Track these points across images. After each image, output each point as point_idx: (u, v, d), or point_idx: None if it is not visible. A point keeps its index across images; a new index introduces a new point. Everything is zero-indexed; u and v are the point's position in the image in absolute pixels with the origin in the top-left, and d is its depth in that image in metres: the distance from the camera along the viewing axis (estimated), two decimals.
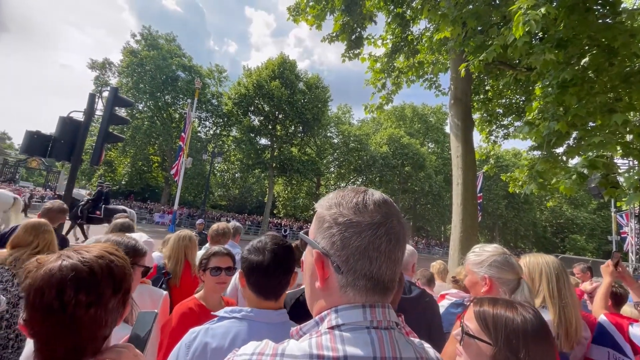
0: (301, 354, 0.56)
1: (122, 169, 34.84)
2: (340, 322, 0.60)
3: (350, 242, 0.61)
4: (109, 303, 0.70)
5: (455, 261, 6.31)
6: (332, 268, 0.62)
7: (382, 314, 0.61)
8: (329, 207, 0.65)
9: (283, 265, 1.22)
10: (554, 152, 5.68)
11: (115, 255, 0.75)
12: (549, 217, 47.66)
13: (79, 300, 0.65)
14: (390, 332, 0.61)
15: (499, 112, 9.61)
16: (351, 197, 0.65)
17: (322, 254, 0.63)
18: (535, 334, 0.88)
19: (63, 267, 0.66)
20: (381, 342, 0.59)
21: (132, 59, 30.46)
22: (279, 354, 0.58)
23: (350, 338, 0.58)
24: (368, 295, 0.62)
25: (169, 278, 2.52)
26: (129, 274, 0.77)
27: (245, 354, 0.61)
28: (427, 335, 1.80)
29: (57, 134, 5.58)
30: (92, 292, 0.67)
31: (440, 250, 37.33)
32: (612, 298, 2.50)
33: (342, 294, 0.62)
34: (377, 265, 0.61)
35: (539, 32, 5.61)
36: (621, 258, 2.16)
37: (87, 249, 0.73)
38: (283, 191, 39.47)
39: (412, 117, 46.60)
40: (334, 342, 0.57)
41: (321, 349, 0.56)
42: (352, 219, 0.62)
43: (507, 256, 1.51)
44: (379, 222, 0.62)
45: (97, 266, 0.69)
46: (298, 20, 7.84)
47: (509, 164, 36.22)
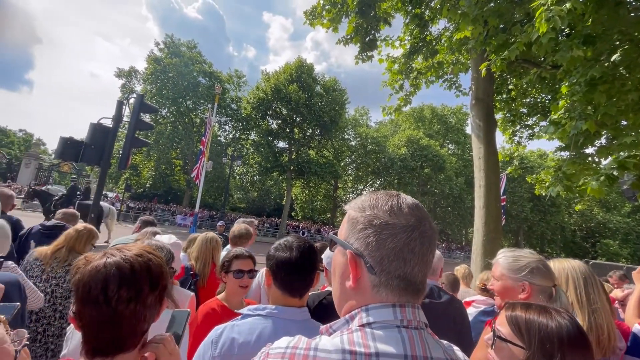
0: (334, 349, 0.58)
1: (146, 173, 36.13)
2: (371, 320, 0.61)
3: (385, 244, 0.62)
4: (147, 299, 0.74)
5: (479, 265, 6.14)
6: (365, 268, 0.64)
7: (412, 313, 0.62)
8: (363, 210, 0.67)
9: (309, 262, 1.26)
10: (583, 153, 5.44)
11: (152, 255, 0.80)
12: (579, 221, 45.35)
13: (121, 295, 0.70)
14: (420, 331, 0.62)
15: (523, 112, 9.30)
16: (385, 200, 0.67)
17: (355, 254, 0.65)
18: (571, 340, 0.86)
19: (107, 264, 0.72)
20: (412, 341, 0.59)
21: (156, 67, 31.63)
22: (312, 348, 0.59)
23: (382, 336, 0.59)
24: (401, 296, 0.63)
25: (197, 279, 2.57)
26: (165, 272, 0.81)
27: (279, 347, 0.62)
28: (455, 342, 1.76)
29: (88, 139, 5.89)
30: (132, 288, 0.72)
31: (461, 254, 36.32)
32: None
33: (374, 294, 0.64)
34: (411, 266, 0.62)
35: (566, 29, 5.42)
36: None
37: (128, 248, 0.79)
38: (301, 194, 39.65)
39: (431, 118, 45.71)
40: (366, 339, 0.58)
41: (353, 345, 0.58)
42: (388, 221, 0.64)
43: (545, 262, 1.48)
44: (414, 225, 0.64)
45: (137, 264, 0.74)
46: (315, 24, 7.91)
47: (534, 166, 34.84)
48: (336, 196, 38.68)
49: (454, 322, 1.87)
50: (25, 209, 23.39)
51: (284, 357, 0.59)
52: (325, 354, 0.58)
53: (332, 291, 0.74)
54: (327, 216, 41.56)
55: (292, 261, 1.24)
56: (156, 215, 28.15)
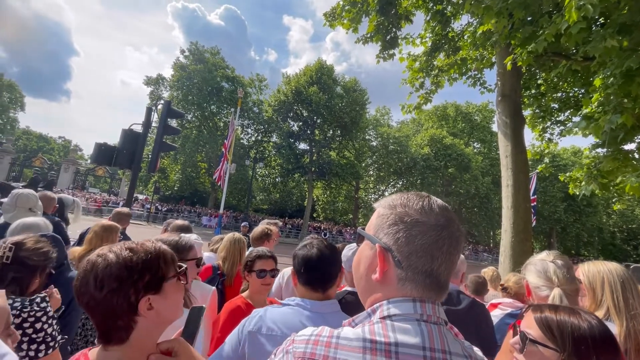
0: (355, 337, 0.61)
1: (173, 176, 37.56)
2: (391, 312, 0.63)
3: (415, 240, 0.65)
4: (122, 292, 0.79)
5: (507, 268, 5.91)
6: (393, 262, 0.66)
7: (432, 309, 0.64)
8: (394, 207, 0.70)
9: (329, 258, 1.37)
10: (622, 149, 5.11)
11: (134, 251, 0.84)
12: (618, 222, 42.40)
13: (95, 292, 0.78)
14: (439, 327, 0.64)
15: (554, 107, 8.85)
16: (416, 200, 0.69)
17: (384, 248, 0.67)
18: (605, 342, 0.85)
19: (90, 259, 0.82)
20: (431, 335, 0.61)
21: (182, 73, 32.88)
22: (334, 336, 0.63)
23: (402, 327, 0.61)
24: (425, 291, 0.66)
25: (224, 279, 2.64)
26: (152, 268, 0.84)
27: (304, 334, 0.66)
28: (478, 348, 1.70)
29: (120, 144, 6.22)
30: (106, 282, 0.78)
31: (489, 256, 34.97)
32: None
33: (399, 287, 0.66)
34: (438, 264, 0.65)
35: (600, 18, 5.12)
36: None
37: (125, 245, 0.87)
38: (322, 195, 39.72)
39: (455, 116, 44.39)
40: (386, 330, 0.61)
41: (374, 335, 0.61)
42: (419, 219, 0.66)
43: (549, 262, 1.46)
44: (443, 225, 0.66)
45: (115, 259, 0.81)
46: (334, 25, 7.93)
47: (567, 164, 32.99)
48: (357, 197, 38.42)
49: (475, 327, 1.81)
50: None
51: (308, 343, 0.63)
52: (346, 342, 0.61)
53: (356, 285, 0.76)
54: (348, 217, 41.37)
55: (313, 257, 1.34)
56: (183, 216, 29.19)
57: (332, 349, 0.60)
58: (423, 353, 0.59)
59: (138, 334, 0.82)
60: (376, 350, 0.58)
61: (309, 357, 0.61)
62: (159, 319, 0.85)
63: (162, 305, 0.84)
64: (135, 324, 0.81)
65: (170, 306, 0.87)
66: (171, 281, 0.88)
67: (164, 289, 0.86)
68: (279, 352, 0.67)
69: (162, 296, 0.85)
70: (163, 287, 0.86)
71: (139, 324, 0.81)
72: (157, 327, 0.86)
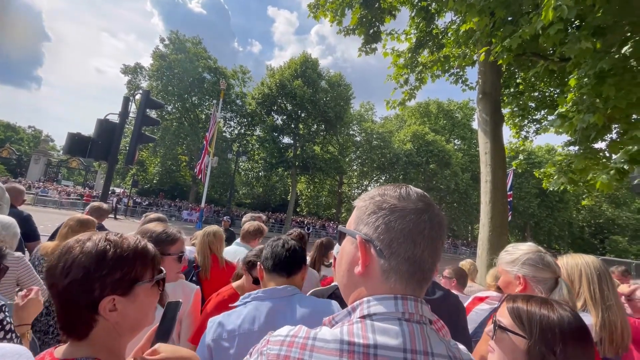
0: (332, 338, 0.58)
1: (153, 169, 36.51)
2: (372, 312, 0.61)
3: (395, 225, 0.62)
4: (86, 284, 0.73)
5: (484, 261, 6.11)
6: (375, 253, 0.64)
7: (414, 307, 0.61)
8: (371, 197, 0.68)
9: (293, 245, 1.44)
10: (593, 148, 5.35)
11: (113, 244, 0.78)
12: (587, 217, 44.75)
13: (60, 278, 0.73)
14: (422, 326, 0.61)
15: (531, 106, 9.15)
16: (394, 188, 0.68)
17: (365, 239, 0.65)
18: (573, 332, 0.87)
19: (68, 243, 0.78)
20: (412, 335, 0.58)
21: (162, 63, 31.76)
22: (311, 338, 0.60)
23: (382, 328, 0.58)
24: (408, 282, 0.63)
25: (199, 271, 2.65)
26: (125, 267, 0.78)
27: (280, 335, 0.63)
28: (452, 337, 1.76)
29: (95, 135, 5.94)
30: (72, 270, 0.73)
31: (467, 250, 36.17)
32: None
33: (383, 280, 0.63)
34: (420, 249, 0.62)
35: (575, 21, 5.31)
36: None
37: (99, 234, 0.81)
38: (306, 189, 39.71)
39: (437, 113, 45.25)
40: (365, 331, 0.58)
41: (352, 336, 0.58)
42: (397, 204, 0.64)
43: (542, 254, 1.45)
44: (422, 209, 0.64)
45: (88, 249, 0.76)
46: (318, 17, 7.84)
47: (541, 161, 34.36)
48: (341, 192, 38.66)
49: (448, 317, 1.87)
50: (35, 203, 23.82)
51: (283, 344, 0.60)
52: (323, 343, 0.58)
53: (339, 283, 0.73)
54: (332, 212, 41.61)
55: (277, 245, 1.44)
56: (162, 210, 28.48)
57: (307, 351, 0.57)
58: (404, 355, 0.56)
59: (99, 334, 0.76)
60: (354, 353, 0.55)
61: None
62: (124, 324, 0.78)
63: (128, 309, 0.77)
64: (95, 323, 0.75)
65: (137, 312, 0.80)
66: (144, 285, 0.81)
67: (133, 292, 0.78)
68: (255, 352, 0.64)
69: (129, 299, 0.77)
70: (133, 290, 0.78)
71: (99, 323, 0.75)
72: (123, 331, 0.79)
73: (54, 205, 25.36)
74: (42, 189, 29.18)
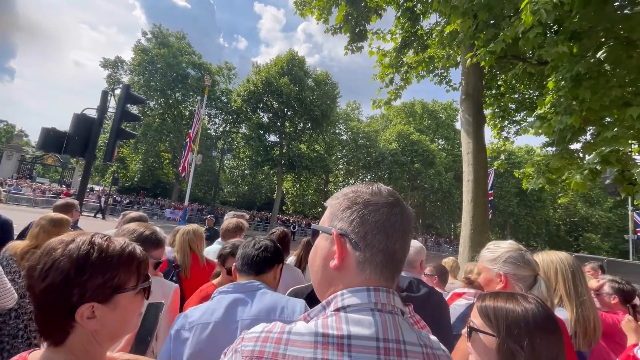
0: (307, 332, 0.59)
1: (134, 166, 35.43)
2: (345, 304, 0.62)
3: (369, 218, 0.65)
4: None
5: (466, 258, 6.24)
6: (350, 246, 0.66)
7: (386, 297, 0.64)
8: (345, 195, 0.71)
9: (264, 244, 1.48)
10: (569, 149, 5.55)
11: (97, 248, 0.74)
12: (563, 215, 46.58)
13: (38, 280, 0.70)
14: (394, 316, 0.63)
15: (512, 108, 9.42)
16: (365, 186, 0.72)
17: (340, 233, 0.67)
18: (538, 323, 0.87)
19: (51, 243, 0.74)
20: (385, 324, 0.61)
21: (144, 57, 30.87)
22: (286, 332, 0.61)
23: (355, 319, 0.60)
24: (383, 272, 0.65)
25: (179, 270, 2.58)
26: (107, 273, 0.74)
27: (255, 331, 0.63)
28: (434, 333, 1.78)
29: (72, 130, 5.71)
30: (51, 273, 0.70)
31: (449, 247, 36.95)
32: (619, 294, 2.43)
33: (359, 272, 0.65)
34: (393, 241, 0.65)
35: (554, 26, 5.48)
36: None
37: (85, 235, 0.77)
38: (292, 188, 39.58)
39: (422, 113, 45.98)
40: (339, 323, 0.60)
41: (326, 328, 0.59)
42: (370, 199, 0.68)
43: (523, 252, 1.47)
44: (393, 203, 0.68)
45: (70, 251, 0.72)
46: (305, 14, 7.80)
47: (521, 161, 35.49)
48: (327, 190, 38.72)
49: (432, 314, 1.90)
50: (7, 201, 22.74)
51: (258, 340, 0.61)
52: (298, 337, 0.59)
53: (313, 280, 0.73)
54: (318, 210, 41.61)
55: (248, 244, 1.47)
56: (144, 209, 27.77)
57: (282, 345, 0.58)
58: (377, 344, 0.58)
59: (76, 340, 0.72)
60: (328, 344, 0.57)
61: (257, 356, 0.58)
62: (102, 332, 0.73)
63: (108, 318, 0.73)
64: (72, 329, 0.71)
65: (118, 321, 0.75)
66: (128, 293, 0.76)
67: (114, 300, 0.74)
68: (229, 352, 0.64)
69: (110, 307, 0.73)
70: (114, 298, 0.74)
71: (76, 330, 0.71)
72: (102, 339, 0.75)
73: (27, 204, 24.30)
74: (15, 186, 27.86)
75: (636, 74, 4.24)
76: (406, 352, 0.60)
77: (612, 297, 2.46)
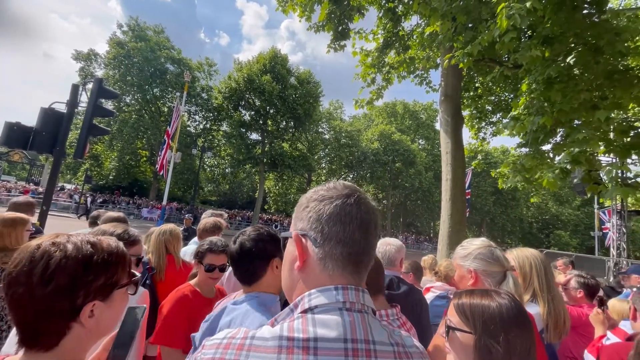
0: (271, 336, 0.57)
1: (109, 163, 34.01)
2: (313, 304, 0.60)
3: (324, 211, 0.65)
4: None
5: (444, 256, 6.38)
6: (311, 244, 0.65)
7: (355, 296, 0.62)
8: (305, 196, 0.73)
9: (248, 254, 1.33)
10: (541, 149, 5.79)
11: (96, 248, 0.74)
12: (535, 214, 48.71)
13: (39, 285, 0.67)
14: (363, 315, 0.61)
15: (488, 109, 9.72)
16: (323, 184, 0.73)
17: (299, 234, 0.67)
18: (512, 319, 0.88)
19: (41, 246, 0.71)
20: (353, 324, 0.59)
21: (119, 51, 29.66)
22: (249, 337, 0.58)
23: (322, 320, 0.58)
24: (345, 266, 0.64)
25: (154, 273, 2.48)
26: (109, 271, 0.75)
27: (217, 338, 0.61)
28: (415, 328, 1.81)
29: (38, 125, 5.41)
30: (56, 277, 0.67)
31: (429, 245, 37.81)
32: (584, 288, 2.56)
33: (322, 268, 0.64)
34: (350, 230, 0.63)
35: (528, 31, 5.69)
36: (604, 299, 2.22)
37: (76, 237, 0.75)
38: (274, 187, 39.29)
39: (403, 113, 46.78)
40: (306, 325, 0.58)
41: (292, 331, 0.57)
42: (325, 194, 0.68)
43: (493, 249, 1.50)
44: (348, 194, 0.67)
45: (72, 253, 0.70)
46: (287, 11, 7.72)
47: (497, 161, 36.79)
48: (310, 189, 38.59)
49: (412, 311, 1.93)
50: None
51: (219, 347, 0.58)
52: (261, 342, 0.57)
53: (282, 286, 0.73)
54: None
55: (233, 254, 1.34)
56: (120, 208, 26.78)
57: (244, 351, 0.56)
58: (344, 345, 0.57)
59: (69, 342, 0.70)
60: (293, 348, 0.55)
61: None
62: (97, 329, 0.73)
63: (104, 315, 0.73)
64: (69, 330, 0.69)
65: (111, 317, 0.77)
66: (121, 289, 0.77)
67: (112, 297, 0.75)
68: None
69: (107, 304, 0.74)
70: (112, 295, 0.75)
71: (73, 330, 0.70)
72: (91, 337, 0.74)
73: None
74: None
75: (602, 79, 4.46)
76: (376, 352, 0.59)
77: (578, 291, 2.58)
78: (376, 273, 1.48)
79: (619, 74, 4.40)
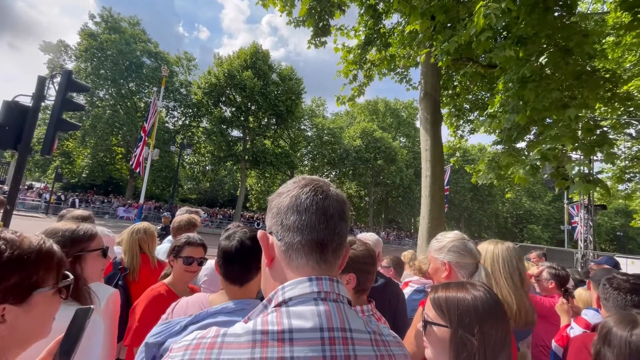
0: (244, 332, 0.55)
1: (81, 161, 32.52)
2: (287, 296, 0.59)
3: (282, 204, 0.65)
4: None
5: (423, 251, 6.51)
6: (275, 240, 0.65)
7: (329, 286, 0.61)
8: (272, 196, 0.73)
9: (247, 252, 1.28)
10: (515, 147, 6.00)
11: (10, 244, 0.66)
12: (510, 209, 50.74)
13: None
14: (338, 304, 0.61)
15: (466, 108, 9.97)
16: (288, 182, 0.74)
17: (265, 232, 0.68)
18: (487, 310, 0.88)
19: None
20: (328, 314, 0.58)
21: (91, 42, 28.31)
22: (220, 335, 0.56)
23: (297, 311, 0.57)
24: (309, 254, 0.62)
25: (126, 274, 2.38)
26: (24, 271, 0.67)
27: (186, 340, 0.58)
28: (391, 321, 1.83)
29: (1, 119, 5.07)
30: None
31: (410, 241, 38.61)
32: (555, 279, 2.67)
33: (287, 262, 0.63)
34: (307, 216, 0.63)
35: (504, 32, 5.86)
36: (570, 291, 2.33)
37: None
38: (256, 184, 38.89)
39: (384, 111, 47.38)
40: (280, 318, 0.56)
41: (266, 325, 0.56)
42: (284, 189, 0.69)
43: (465, 241, 1.52)
44: (305, 184, 0.68)
45: None
46: (267, 5, 7.59)
47: (474, 158, 37.97)
48: None
49: (389, 303, 1.97)
50: None
51: (188, 348, 0.55)
52: (233, 339, 0.55)
53: (261, 286, 0.73)
54: None
55: (230, 250, 1.28)
56: (94, 207, 25.70)
57: (215, 349, 0.53)
58: (321, 335, 0.55)
59: None
60: (267, 341, 0.53)
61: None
62: (12, 337, 0.65)
63: (21, 321, 0.65)
64: None
65: (32, 324, 0.67)
66: (45, 292, 0.69)
67: (30, 301, 0.66)
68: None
69: (24, 309, 0.65)
70: (30, 298, 0.66)
71: None
72: (8, 345, 0.65)
73: None
74: None
75: (572, 79, 4.66)
76: (353, 339, 0.58)
77: (550, 282, 2.68)
78: (367, 273, 1.52)
79: (587, 75, 4.61)
